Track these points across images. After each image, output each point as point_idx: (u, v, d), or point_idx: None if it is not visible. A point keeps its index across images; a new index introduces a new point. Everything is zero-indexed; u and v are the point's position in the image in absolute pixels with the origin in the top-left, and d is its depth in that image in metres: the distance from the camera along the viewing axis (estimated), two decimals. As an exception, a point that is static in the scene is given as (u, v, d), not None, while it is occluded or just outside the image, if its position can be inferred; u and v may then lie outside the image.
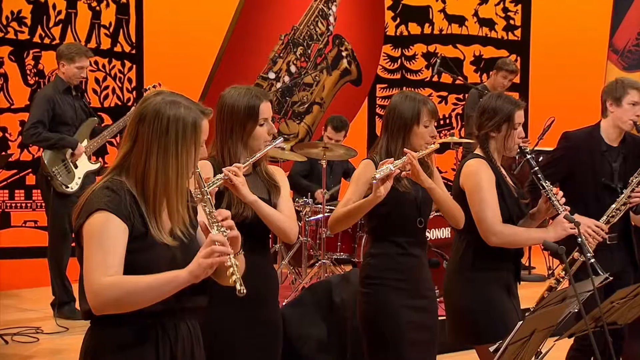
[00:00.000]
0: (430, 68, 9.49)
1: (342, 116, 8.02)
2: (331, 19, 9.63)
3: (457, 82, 9.09)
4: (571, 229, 4.14)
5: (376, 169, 3.88)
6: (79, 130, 6.68)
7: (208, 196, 2.81)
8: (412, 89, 9.93)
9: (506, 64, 8.42)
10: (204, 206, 2.79)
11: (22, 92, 8.69)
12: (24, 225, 8.74)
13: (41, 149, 6.74)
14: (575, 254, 4.46)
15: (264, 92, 3.83)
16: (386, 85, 10.14)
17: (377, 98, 10.11)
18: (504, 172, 4.31)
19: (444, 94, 10.11)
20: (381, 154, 4.09)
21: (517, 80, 10.00)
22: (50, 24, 8.98)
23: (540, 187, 4.26)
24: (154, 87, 6.76)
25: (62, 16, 9.02)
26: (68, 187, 6.53)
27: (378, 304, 4.04)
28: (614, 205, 4.80)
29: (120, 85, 9.22)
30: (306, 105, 9.57)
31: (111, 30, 9.17)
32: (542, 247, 4.05)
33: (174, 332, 2.83)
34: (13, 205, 8.70)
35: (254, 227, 3.61)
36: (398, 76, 10.16)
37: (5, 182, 8.53)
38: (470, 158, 4.32)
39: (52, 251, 6.73)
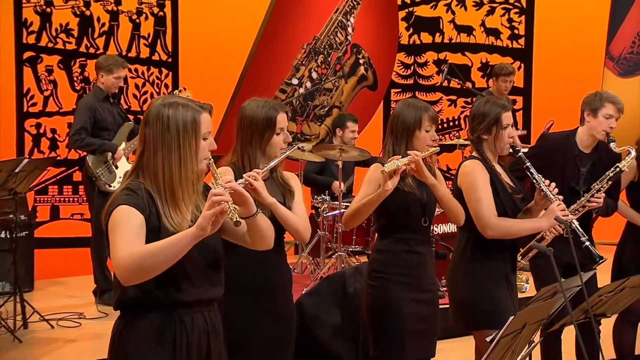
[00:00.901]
0: (440, 74, 9.46)
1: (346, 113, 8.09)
2: (349, 29, 9.62)
3: (464, 87, 9.05)
4: (564, 216, 4.13)
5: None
6: (117, 134, 6.72)
7: (218, 175, 2.85)
8: (424, 94, 9.97)
9: (501, 69, 8.31)
10: (213, 184, 2.82)
11: (70, 97, 8.79)
12: (71, 217, 8.85)
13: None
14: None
15: (281, 104, 3.83)
16: (400, 90, 10.10)
17: (392, 102, 10.05)
18: (498, 170, 4.31)
19: (453, 97, 10.06)
20: (387, 157, 4.10)
21: (520, 85, 10.05)
22: (95, 35, 9.06)
23: (533, 181, 4.28)
24: (179, 91, 6.80)
25: (105, 28, 9.09)
26: (111, 186, 6.57)
27: (383, 296, 4.04)
28: (573, 206, 4.80)
29: (157, 90, 9.28)
30: (326, 109, 9.57)
31: (150, 40, 9.24)
32: (530, 247, 4.04)
33: (190, 323, 2.86)
34: (62, 199, 8.80)
35: None
36: (411, 81, 10.12)
37: (54, 179, 8.63)
38: (466, 160, 4.36)
39: (94, 244, 6.78)
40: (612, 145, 4.96)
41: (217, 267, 2.95)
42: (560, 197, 4.25)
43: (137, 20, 9.20)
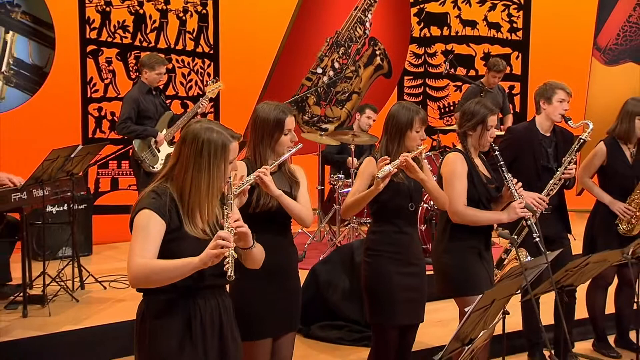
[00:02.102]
0: (445, 64, 9.37)
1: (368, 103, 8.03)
2: (367, 24, 9.53)
3: (465, 77, 8.96)
4: (522, 213, 4.18)
5: (376, 164, 3.94)
6: (158, 122, 6.76)
7: (230, 201, 2.84)
8: (434, 80, 9.88)
9: (494, 65, 8.16)
10: (225, 209, 2.81)
11: (126, 85, 8.82)
12: (128, 188, 8.94)
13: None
14: (523, 222, 4.48)
15: (289, 108, 3.81)
16: (412, 77, 10.03)
17: (405, 87, 10.00)
18: (477, 162, 4.33)
19: (459, 83, 9.94)
20: (381, 152, 4.12)
21: (518, 72, 9.94)
22: (147, 31, 9.09)
23: (504, 179, 4.29)
24: (212, 82, 6.80)
25: (156, 24, 9.11)
26: (154, 168, 6.63)
27: (376, 271, 4.07)
28: (552, 181, 4.85)
29: (201, 78, 9.31)
30: (347, 94, 9.52)
31: (194, 35, 9.25)
32: (498, 235, 4.05)
33: (204, 304, 2.88)
34: (120, 172, 8.89)
35: (277, 214, 3.66)
36: (422, 70, 10.03)
37: (114, 155, 8.71)
38: (450, 152, 4.37)
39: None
40: (569, 122, 4.98)
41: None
42: (523, 193, 4.28)
43: (184, 18, 9.21)
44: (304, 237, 7.31)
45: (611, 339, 5.71)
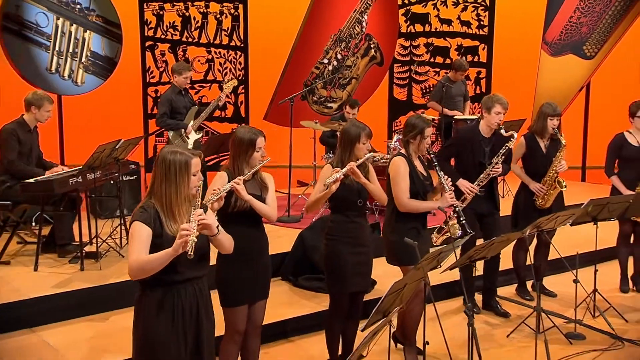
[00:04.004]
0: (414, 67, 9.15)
1: (356, 99, 7.82)
2: (364, 23, 9.32)
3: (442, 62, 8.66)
4: (451, 201, 4.25)
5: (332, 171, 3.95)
6: (187, 115, 6.74)
7: (197, 203, 2.93)
8: (417, 67, 9.66)
9: (459, 66, 7.94)
10: (194, 208, 2.90)
11: (176, 72, 8.88)
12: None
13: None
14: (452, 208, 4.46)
15: (260, 131, 3.80)
16: (400, 64, 9.86)
17: (395, 73, 9.86)
18: (417, 164, 4.36)
19: (437, 69, 9.76)
20: (337, 160, 4.11)
21: (484, 60, 9.68)
22: (192, 29, 9.09)
23: (438, 175, 4.27)
24: (228, 80, 6.72)
25: (199, 24, 9.12)
26: (184, 153, 6.66)
27: (332, 251, 4.09)
28: (482, 175, 4.90)
29: (233, 66, 9.29)
30: (347, 79, 9.38)
31: (228, 32, 9.24)
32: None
33: (184, 293, 2.96)
34: (169, 144, 9.03)
35: (250, 213, 3.69)
36: (408, 59, 9.86)
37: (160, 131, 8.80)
38: (395, 155, 4.37)
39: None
40: (502, 131, 4.93)
41: (203, 256, 3.03)
42: (453, 188, 4.30)
43: (220, 18, 9.21)
44: (304, 201, 7.34)
45: (529, 284, 5.72)
